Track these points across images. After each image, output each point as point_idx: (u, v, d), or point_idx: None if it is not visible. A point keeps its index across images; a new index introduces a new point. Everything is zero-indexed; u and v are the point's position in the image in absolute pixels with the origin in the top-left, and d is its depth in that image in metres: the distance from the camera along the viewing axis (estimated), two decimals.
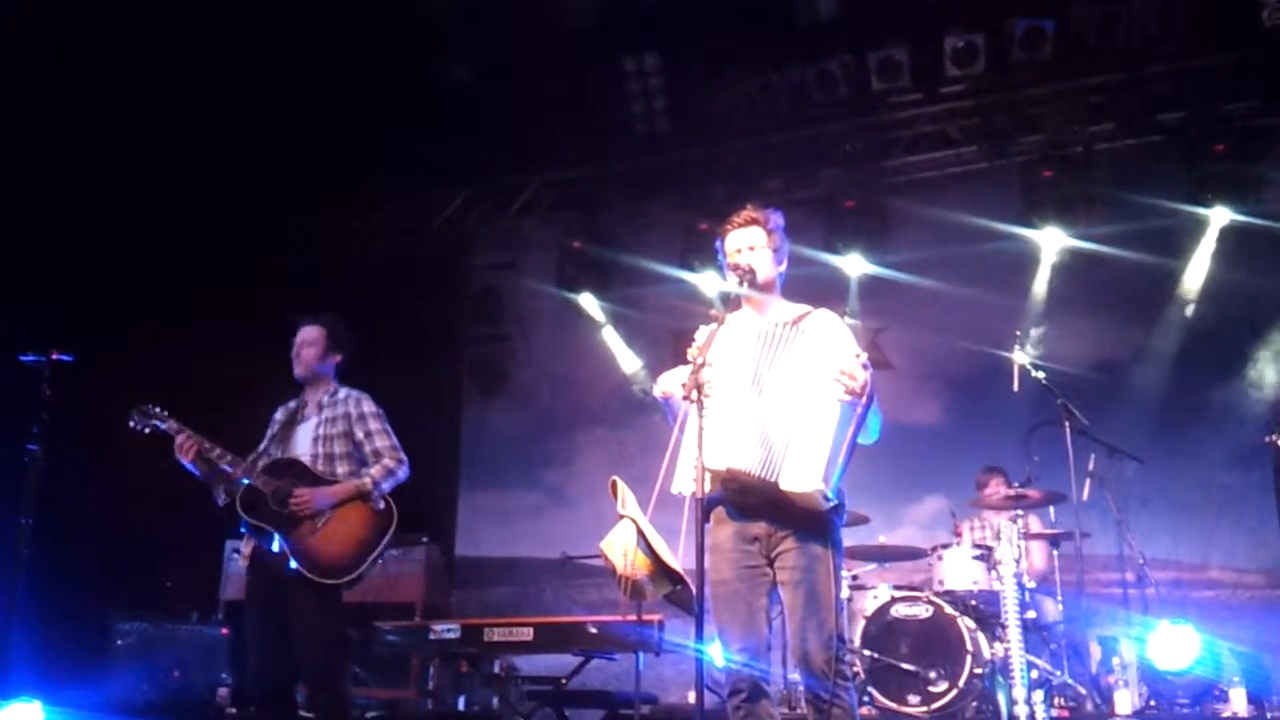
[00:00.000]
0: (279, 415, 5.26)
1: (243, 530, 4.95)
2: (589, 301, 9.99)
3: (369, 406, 5.15)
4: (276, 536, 4.82)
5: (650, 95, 9.14)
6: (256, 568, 4.97)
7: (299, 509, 4.83)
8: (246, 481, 4.90)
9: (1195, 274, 8.47)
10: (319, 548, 4.83)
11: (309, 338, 5.19)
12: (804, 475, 3.58)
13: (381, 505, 5.00)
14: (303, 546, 4.81)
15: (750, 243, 3.98)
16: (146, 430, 4.98)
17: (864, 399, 3.57)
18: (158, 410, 5.00)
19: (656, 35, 8.84)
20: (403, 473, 5.08)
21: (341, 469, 5.03)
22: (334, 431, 5.08)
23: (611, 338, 10.08)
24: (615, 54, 8.98)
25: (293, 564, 4.79)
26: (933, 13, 8.43)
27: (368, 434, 5.08)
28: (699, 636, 3.32)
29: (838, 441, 3.59)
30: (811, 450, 3.59)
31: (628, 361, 10.06)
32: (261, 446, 5.09)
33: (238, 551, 8.01)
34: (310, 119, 8.36)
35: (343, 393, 5.19)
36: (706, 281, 9.26)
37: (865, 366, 3.58)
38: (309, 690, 4.84)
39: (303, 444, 5.08)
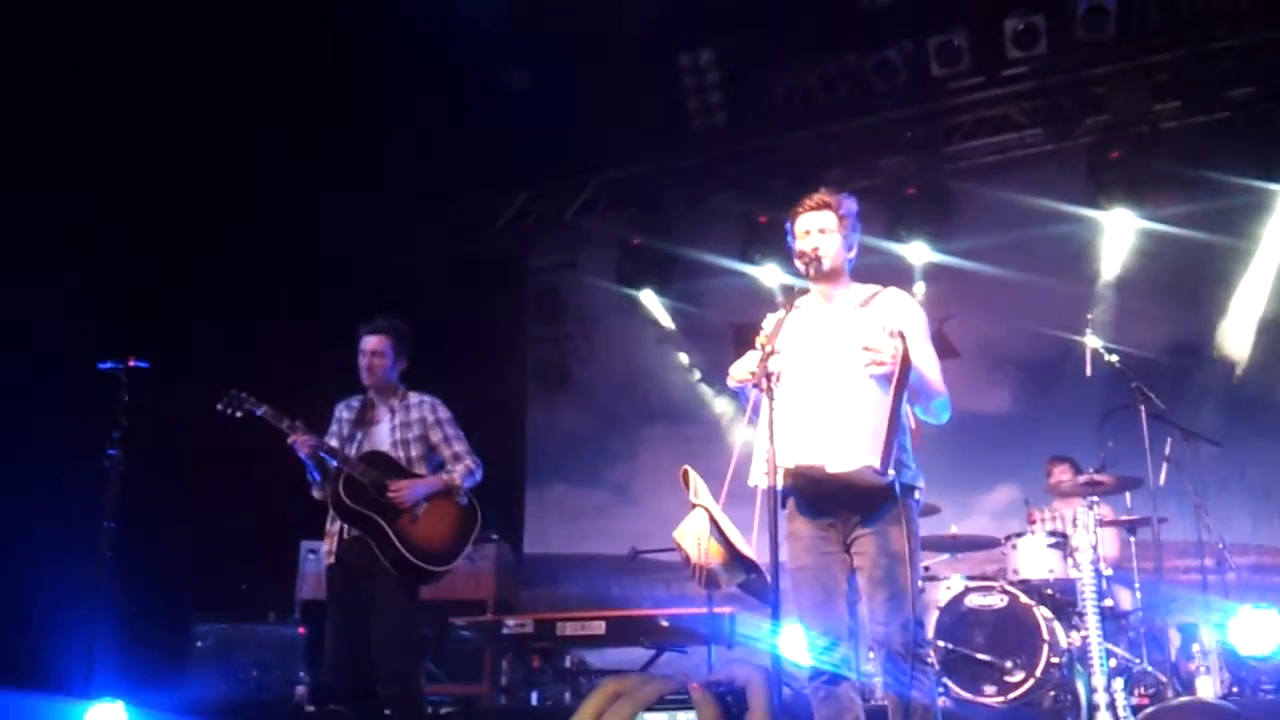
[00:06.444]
0: (344, 414, 5.33)
1: (332, 523, 5.06)
2: (649, 298, 10.00)
3: (443, 412, 5.29)
4: (380, 523, 4.92)
5: (706, 90, 9.12)
6: (340, 564, 5.07)
7: (397, 499, 4.97)
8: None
9: (1269, 252, 8.27)
10: (419, 536, 4.98)
11: (376, 348, 5.26)
12: (849, 455, 3.56)
13: (465, 502, 5.16)
14: (404, 534, 4.94)
15: (820, 225, 3.95)
16: (238, 415, 5.05)
17: (898, 371, 3.52)
18: (246, 397, 5.08)
19: (712, 30, 8.81)
20: (479, 474, 5.23)
21: (419, 471, 5.16)
22: (410, 436, 5.21)
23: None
24: (670, 50, 8.96)
25: (385, 557, 4.89)
26: None
27: (445, 438, 5.23)
28: (774, 618, 3.28)
29: (879, 416, 3.55)
30: (855, 429, 3.57)
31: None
32: (332, 443, 5.15)
33: (313, 552, 8.15)
34: (375, 121, 8.44)
35: (414, 397, 5.31)
36: (768, 274, 9.20)
37: (893, 336, 3.55)
38: (384, 686, 4.89)
39: (381, 445, 5.19)
